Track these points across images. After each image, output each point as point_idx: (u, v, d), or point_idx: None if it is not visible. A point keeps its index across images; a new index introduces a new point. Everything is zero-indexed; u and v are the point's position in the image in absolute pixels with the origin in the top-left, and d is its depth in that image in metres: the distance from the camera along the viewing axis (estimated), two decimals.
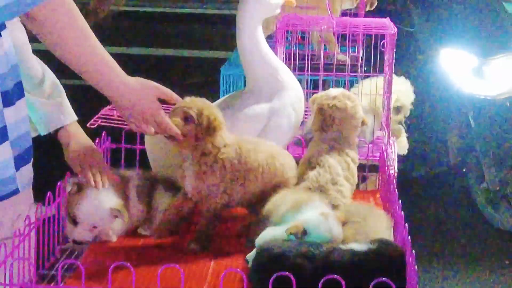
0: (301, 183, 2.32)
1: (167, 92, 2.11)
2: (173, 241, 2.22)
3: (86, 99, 2.56)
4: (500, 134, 4.11)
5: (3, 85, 1.84)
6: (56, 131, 2.28)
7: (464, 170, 4.39)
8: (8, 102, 1.85)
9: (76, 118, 2.33)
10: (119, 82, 1.99)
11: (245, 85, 2.53)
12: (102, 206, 2.12)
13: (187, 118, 2.09)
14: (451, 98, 4.23)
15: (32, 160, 1.98)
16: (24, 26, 2.08)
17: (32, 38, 2.23)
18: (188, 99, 2.16)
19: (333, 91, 2.40)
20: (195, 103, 2.13)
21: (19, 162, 1.89)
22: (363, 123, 2.43)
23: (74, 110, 2.32)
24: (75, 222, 2.11)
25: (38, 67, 2.29)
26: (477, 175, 4.23)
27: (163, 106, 2.08)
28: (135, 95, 2.02)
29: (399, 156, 4.06)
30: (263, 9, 2.39)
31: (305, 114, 2.73)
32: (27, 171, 1.94)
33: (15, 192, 1.88)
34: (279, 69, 2.40)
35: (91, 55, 1.93)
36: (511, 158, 4.04)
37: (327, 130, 2.35)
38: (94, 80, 1.96)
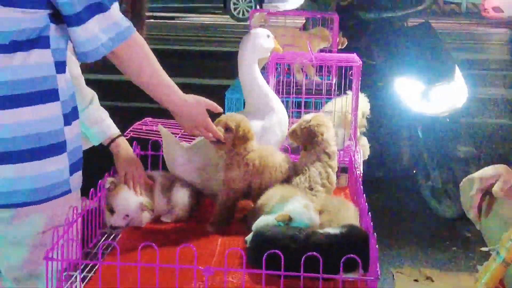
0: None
1: (213, 104, 2.13)
2: (188, 226, 2.21)
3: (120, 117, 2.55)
4: (442, 143, 4.11)
5: (64, 109, 1.84)
6: (108, 144, 2.30)
7: (414, 172, 4.37)
8: (67, 122, 1.85)
9: (119, 132, 2.35)
10: (179, 100, 2.03)
11: (244, 107, 2.52)
12: (133, 200, 2.14)
13: (227, 129, 2.14)
14: (404, 115, 4.22)
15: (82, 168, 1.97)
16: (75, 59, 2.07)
17: (85, 70, 2.27)
18: (229, 114, 2.24)
19: (307, 117, 2.37)
20: (234, 118, 2.18)
21: (72, 169, 1.88)
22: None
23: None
24: (112, 211, 2.12)
25: (89, 94, 2.30)
26: (424, 175, 4.23)
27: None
28: (191, 108, 2.06)
29: (363, 160, 4.10)
30: (258, 52, 2.39)
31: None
32: (78, 176, 1.92)
33: (68, 192, 1.87)
34: (270, 97, 2.39)
35: (159, 81, 1.97)
36: (450, 162, 4.06)
37: (310, 148, 2.31)
38: (161, 99, 2.01)
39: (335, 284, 1.68)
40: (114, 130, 2.33)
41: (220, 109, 2.17)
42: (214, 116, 2.16)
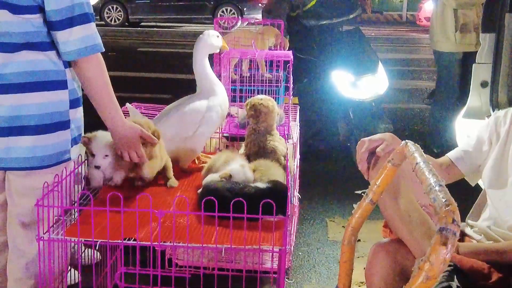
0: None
1: (149, 136, 2.03)
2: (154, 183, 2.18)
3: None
4: (367, 122, 4.17)
5: (70, 96, 1.88)
6: None
7: (348, 144, 4.43)
8: (72, 106, 1.90)
9: None
10: (120, 120, 1.93)
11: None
12: (107, 139, 2.02)
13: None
14: (339, 100, 4.26)
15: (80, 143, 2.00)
16: None
17: None
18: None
19: (260, 96, 2.41)
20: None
21: (73, 142, 1.94)
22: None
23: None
24: (93, 155, 2.02)
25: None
26: (355, 146, 4.30)
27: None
28: (127, 131, 1.96)
29: (308, 134, 4.16)
30: (208, 48, 2.41)
31: (240, 107, 2.78)
32: (77, 148, 1.97)
33: (69, 159, 1.93)
34: (215, 83, 2.41)
35: (108, 99, 1.88)
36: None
37: (257, 120, 2.33)
38: (105, 115, 1.91)
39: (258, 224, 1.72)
40: None
41: (156, 141, 2.05)
42: None
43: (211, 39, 2.43)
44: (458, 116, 3.56)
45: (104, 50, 1.86)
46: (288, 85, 3.10)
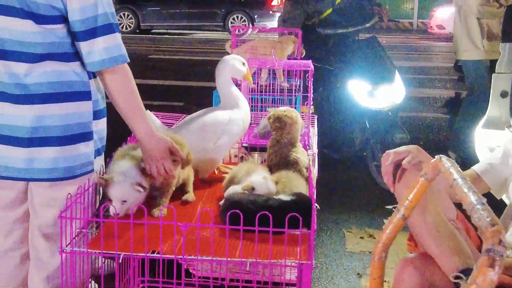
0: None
1: (178, 151, 1.97)
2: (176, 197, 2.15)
3: None
4: (384, 132, 4.12)
5: (94, 107, 1.87)
6: None
7: (364, 154, 4.40)
8: (95, 117, 1.88)
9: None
10: (148, 128, 1.87)
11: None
12: (125, 185, 1.89)
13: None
14: (355, 109, 4.22)
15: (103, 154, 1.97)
16: None
17: None
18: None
19: (282, 107, 2.39)
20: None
21: (96, 154, 1.91)
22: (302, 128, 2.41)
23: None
24: (110, 200, 1.89)
25: None
26: (371, 156, 4.22)
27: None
28: (156, 141, 1.89)
29: (323, 144, 4.13)
30: (231, 73, 2.39)
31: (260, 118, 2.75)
32: (100, 159, 1.95)
33: (91, 171, 1.89)
34: (239, 98, 2.39)
35: (135, 107, 1.84)
36: (390, 146, 4.04)
37: (282, 132, 2.30)
38: (133, 123, 1.86)
39: (283, 237, 1.69)
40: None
41: (182, 156, 2.00)
42: None
43: (236, 64, 2.40)
44: (477, 126, 3.53)
45: (129, 60, 1.82)
46: (307, 94, 3.07)
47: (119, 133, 2.00)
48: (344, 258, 3.18)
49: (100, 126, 1.92)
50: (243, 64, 2.43)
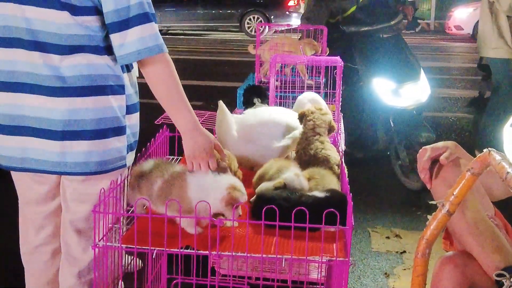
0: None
1: (221, 150, 1.91)
2: None
3: (153, 108, 2.55)
4: (408, 130, 4.08)
5: (128, 101, 1.83)
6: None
7: (388, 153, 4.35)
8: (128, 112, 1.84)
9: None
10: (193, 125, 1.80)
11: None
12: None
13: None
14: (379, 108, 4.17)
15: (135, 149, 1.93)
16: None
17: None
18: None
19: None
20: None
21: (128, 149, 1.87)
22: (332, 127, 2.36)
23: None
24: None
25: None
26: (395, 155, 4.18)
27: None
28: (200, 136, 1.81)
29: (347, 142, 4.10)
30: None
31: None
32: (132, 154, 1.90)
33: (124, 166, 1.85)
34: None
35: (178, 103, 1.78)
36: (415, 145, 4.02)
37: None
38: (175, 115, 1.80)
39: (317, 235, 1.68)
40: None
41: (225, 158, 1.93)
42: None
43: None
44: (506, 124, 3.46)
45: (166, 51, 1.77)
46: (330, 91, 3.04)
47: (151, 128, 1.96)
48: (371, 258, 3.14)
49: (133, 121, 1.88)
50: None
